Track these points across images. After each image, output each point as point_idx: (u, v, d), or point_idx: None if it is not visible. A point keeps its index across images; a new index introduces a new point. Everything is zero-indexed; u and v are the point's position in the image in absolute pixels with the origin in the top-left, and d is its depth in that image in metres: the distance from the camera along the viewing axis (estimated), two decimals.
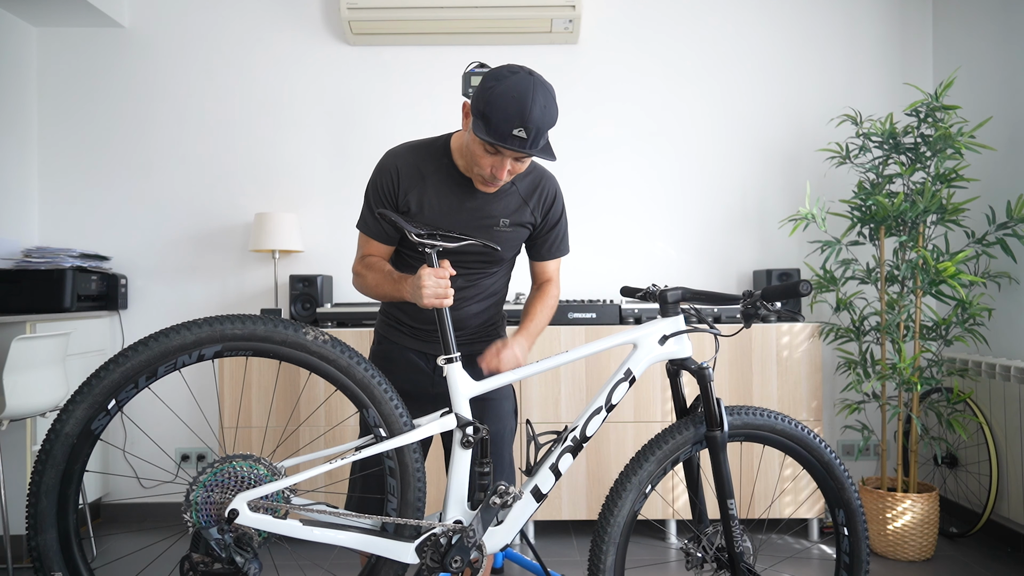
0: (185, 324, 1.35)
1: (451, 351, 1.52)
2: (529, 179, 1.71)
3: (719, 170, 3.43)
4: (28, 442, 2.76)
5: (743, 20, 3.44)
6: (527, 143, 1.45)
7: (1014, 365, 2.71)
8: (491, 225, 1.67)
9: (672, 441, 1.58)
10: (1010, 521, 2.80)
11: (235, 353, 1.38)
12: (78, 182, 3.38)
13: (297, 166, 3.41)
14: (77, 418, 1.31)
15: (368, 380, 1.44)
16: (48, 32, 3.37)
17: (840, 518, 1.67)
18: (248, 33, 3.41)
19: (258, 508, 1.38)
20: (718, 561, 1.61)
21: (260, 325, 1.38)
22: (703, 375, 1.58)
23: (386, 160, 1.67)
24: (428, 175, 1.64)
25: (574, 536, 3.05)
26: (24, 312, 2.90)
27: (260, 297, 3.39)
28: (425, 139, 1.71)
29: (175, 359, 1.34)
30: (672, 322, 1.62)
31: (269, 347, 1.39)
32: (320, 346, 1.41)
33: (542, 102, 1.44)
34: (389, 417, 1.46)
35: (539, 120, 1.44)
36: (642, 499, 1.57)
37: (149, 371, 1.34)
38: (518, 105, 1.42)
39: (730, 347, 2.93)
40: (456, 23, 3.20)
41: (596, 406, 1.58)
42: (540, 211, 1.73)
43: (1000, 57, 2.98)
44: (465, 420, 1.51)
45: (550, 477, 1.56)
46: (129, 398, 1.34)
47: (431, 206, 1.64)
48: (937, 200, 2.68)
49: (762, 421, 1.62)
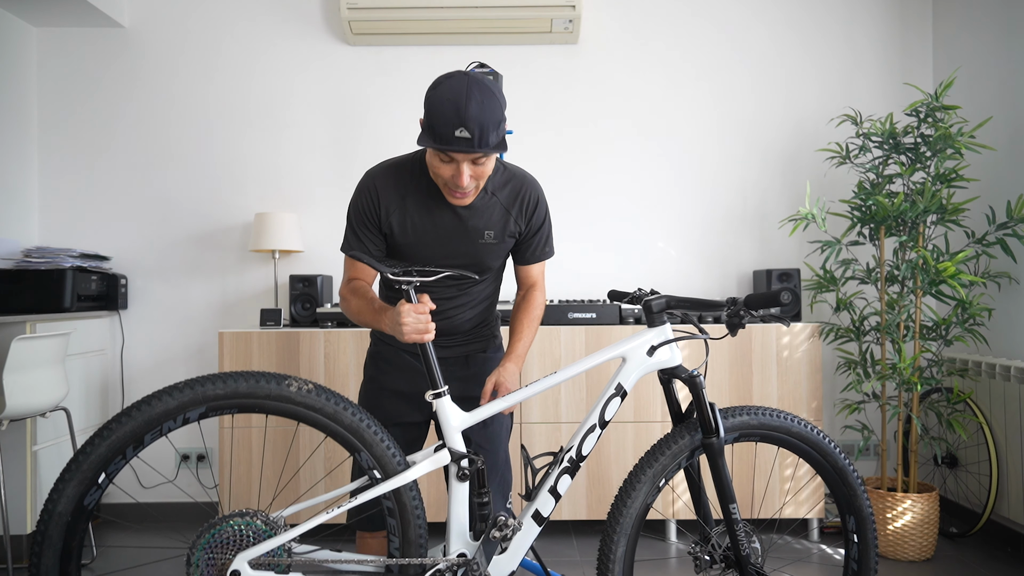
0: (166, 390, 1.35)
1: (438, 385, 1.51)
2: (509, 187, 1.69)
3: (719, 170, 3.43)
4: (28, 442, 2.76)
5: (743, 20, 3.44)
6: (472, 142, 1.43)
7: (1014, 365, 2.71)
8: (476, 238, 1.66)
9: (669, 451, 1.58)
10: (1010, 521, 2.80)
11: (220, 412, 1.38)
12: (78, 182, 3.38)
13: (297, 166, 3.41)
14: (68, 496, 1.31)
15: (357, 424, 1.43)
16: (48, 32, 3.37)
17: (850, 524, 1.66)
18: (248, 33, 3.41)
19: (260, 565, 1.38)
20: (726, 561, 1.61)
21: (242, 382, 1.38)
22: (694, 383, 1.57)
23: (365, 182, 1.65)
24: (408, 194, 1.63)
25: (574, 536, 3.05)
26: (24, 312, 2.90)
27: (260, 297, 3.39)
28: (403, 157, 1.69)
29: (160, 426, 1.34)
30: (658, 332, 1.60)
31: (254, 402, 1.39)
32: (304, 396, 1.41)
33: (478, 98, 1.43)
34: (382, 458, 1.45)
35: (478, 117, 1.42)
36: (655, 492, 1.57)
37: (135, 441, 1.33)
38: (454, 106, 1.41)
39: (730, 347, 2.93)
40: (456, 23, 3.20)
41: (590, 424, 1.58)
42: (523, 218, 1.71)
43: (1000, 57, 2.98)
44: (459, 454, 1.50)
45: (550, 500, 1.56)
46: (119, 469, 1.34)
47: (414, 225, 1.63)
48: (937, 200, 2.68)
49: (779, 423, 1.62)
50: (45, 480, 2.84)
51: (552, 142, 3.42)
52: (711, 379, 2.92)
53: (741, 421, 1.61)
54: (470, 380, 1.77)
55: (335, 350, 2.89)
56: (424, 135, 1.47)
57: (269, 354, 2.89)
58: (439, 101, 1.44)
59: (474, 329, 1.79)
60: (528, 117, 3.40)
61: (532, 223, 1.73)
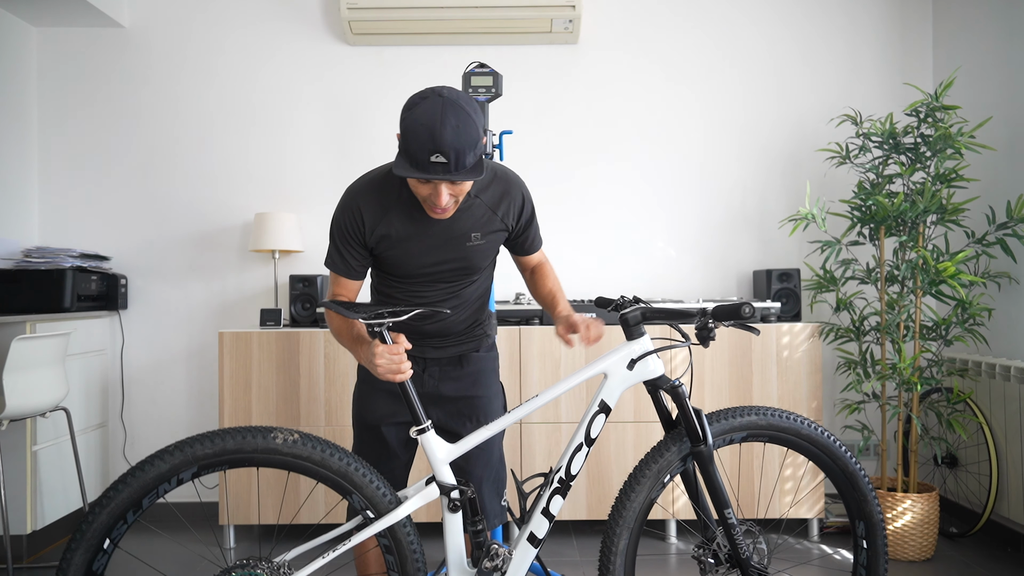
0: (158, 454, 1.40)
1: (420, 421, 1.52)
2: (492, 188, 1.67)
3: (719, 170, 3.43)
4: (28, 442, 2.76)
5: (743, 20, 3.44)
6: (449, 167, 1.40)
7: (1014, 365, 2.71)
8: (463, 242, 1.65)
9: (663, 458, 1.58)
10: (1010, 521, 2.80)
11: (212, 470, 1.43)
12: (78, 182, 3.38)
13: (297, 166, 3.41)
14: (77, 565, 1.36)
15: (345, 468, 1.47)
16: (48, 32, 3.37)
17: (860, 530, 1.65)
18: (248, 33, 3.41)
19: None
20: (731, 561, 1.60)
21: (229, 440, 1.42)
22: (677, 393, 1.56)
23: (348, 200, 1.64)
24: (390, 207, 1.62)
25: (574, 536, 3.05)
26: (24, 312, 2.90)
27: (260, 297, 3.39)
28: (382, 169, 1.67)
29: (156, 489, 1.40)
30: (637, 345, 1.59)
31: (243, 457, 1.43)
32: (291, 447, 1.45)
33: (453, 123, 1.39)
34: (373, 498, 1.48)
35: (453, 142, 1.39)
36: (660, 487, 1.57)
37: (134, 505, 1.39)
38: (428, 132, 1.39)
39: (730, 347, 2.93)
40: (456, 23, 3.20)
41: (576, 443, 1.58)
42: (512, 218, 1.71)
43: (1000, 57, 2.98)
44: (448, 486, 1.51)
45: (544, 522, 1.57)
46: (122, 534, 1.40)
47: (399, 236, 1.62)
48: (937, 200, 2.68)
49: (788, 424, 1.61)
50: (45, 480, 2.84)
51: (552, 142, 3.42)
52: (711, 380, 2.92)
53: (748, 421, 1.61)
54: (465, 379, 1.78)
55: (335, 350, 2.89)
56: (400, 158, 1.44)
57: (269, 354, 2.89)
58: (414, 125, 1.41)
59: (467, 330, 1.79)
60: (528, 117, 3.40)
61: (523, 220, 1.74)
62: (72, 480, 2.98)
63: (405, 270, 1.67)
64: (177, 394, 3.37)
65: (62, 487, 2.94)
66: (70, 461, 2.96)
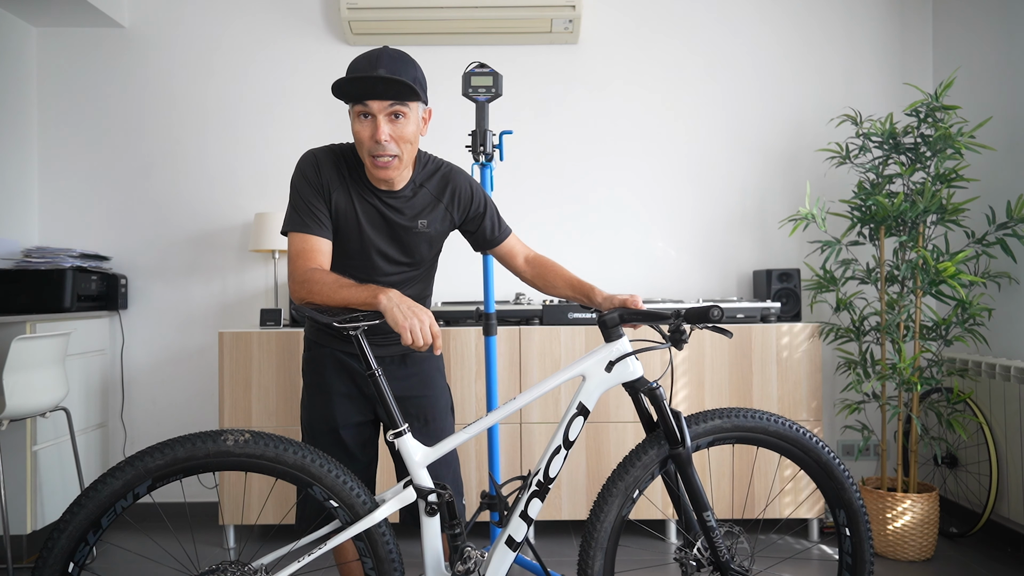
0: (110, 472, 1.38)
1: (398, 425, 1.51)
2: (436, 178, 1.72)
3: (719, 170, 3.43)
4: (28, 442, 2.76)
5: (743, 20, 3.44)
6: (388, 82, 1.50)
7: (1014, 365, 2.71)
8: (411, 228, 1.68)
9: (640, 462, 1.57)
10: (1010, 521, 2.80)
11: (167, 480, 1.41)
12: (78, 182, 3.38)
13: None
14: None
15: (301, 461, 1.45)
16: (48, 32, 3.37)
17: (841, 518, 1.65)
18: (248, 33, 3.41)
19: None
20: (712, 564, 1.60)
21: (179, 448, 1.40)
22: (655, 395, 1.55)
23: (307, 157, 1.68)
24: (346, 178, 1.66)
25: (574, 536, 3.05)
26: (24, 312, 2.90)
27: (260, 297, 3.39)
28: (341, 144, 1.72)
29: (113, 506, 1.38)
30: (615, 347, 1.58)
31: (196, 463, 1.41)
32: (243, 447, 1.43)
33: (392, 54, 1.55)
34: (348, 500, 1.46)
35: (390, 64, 1.53)
36: (630, 504, 1.56)
37: (93, 526, 1.37)
38: (367, 59, 1.54)
39: (730, 347, 2.93)
40: (456, 23, 3.20)
41: (555, 446, 1.57)
42: (458, 208, 1.74)
43: (1000, 57, 2.98)
44: (425, 489, 1.51)
45: (522, 525, 1.56)
46: (84, 556, 1.38)
47: (348, 210, 1.64)
48: (937, 200, 2.68)
49: (753, 423, 1.60)
50: (45, 480, 2.84)
51: (552, 142, 3.42)
52: (711, 380, 2.92)
53: (713, 425, 1.59)
54: (409, 379, 1.77)
55: None
56: (343, 96, 1.55)
57: (269, 354, 2.89)
58: (353, 63, 1.56)
59: None
60: (528, 117, 3.40)
61: (473, 209, 1.77)
62: (72, 480, 2.98)
63: (349, 251, 1.67)
64: (177, 394, 3.37)
65: (62, 487, 2.94)
66: (70, 461, 2.96)
